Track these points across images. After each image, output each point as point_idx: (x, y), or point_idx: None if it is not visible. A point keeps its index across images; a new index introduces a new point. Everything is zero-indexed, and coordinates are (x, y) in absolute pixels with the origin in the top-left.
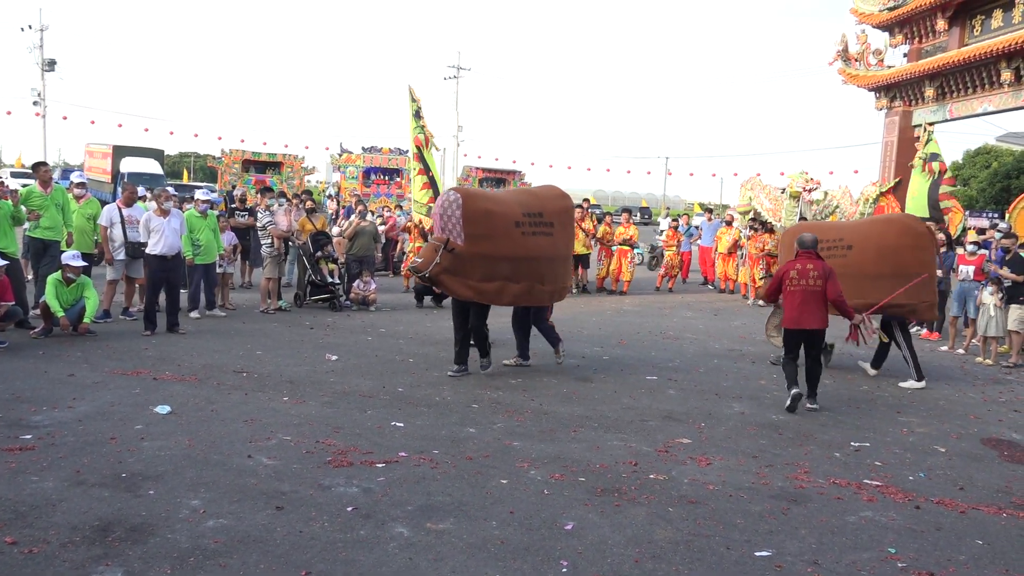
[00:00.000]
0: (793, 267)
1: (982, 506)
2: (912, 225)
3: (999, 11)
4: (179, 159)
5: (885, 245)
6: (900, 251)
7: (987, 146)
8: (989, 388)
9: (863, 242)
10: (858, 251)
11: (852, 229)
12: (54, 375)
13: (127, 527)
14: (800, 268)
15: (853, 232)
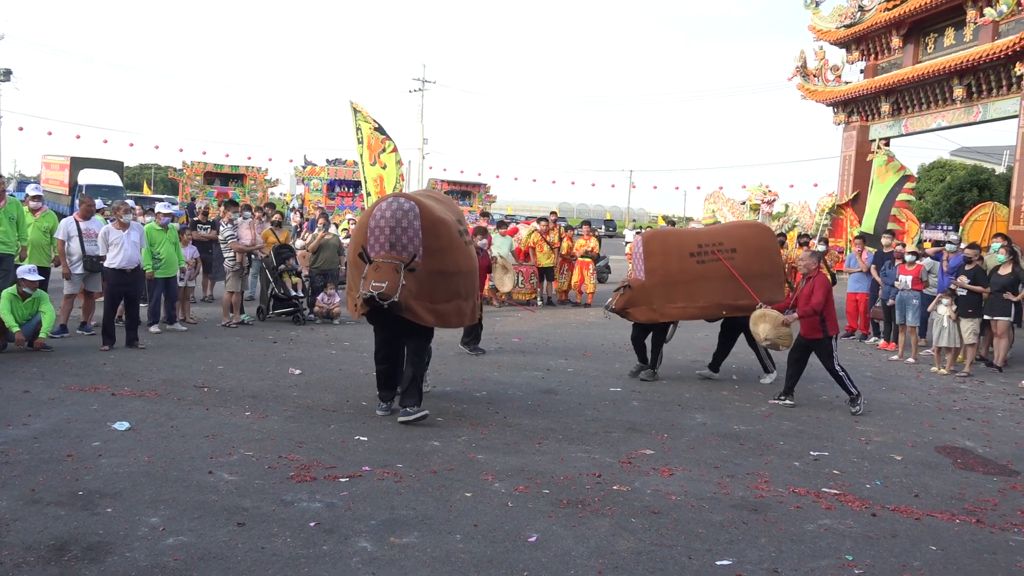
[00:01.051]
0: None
1: (936, 513)
2: (769, 229)
3: (951, 29)
4: (139, 171)
5: (761, 246)
6: (772, 252)
7: (941, 160)
8: (943, 397)
9: (742, 243)
10: (742, 253)
11: (724, 233)
12: (8, 391)
13: (84, 546)
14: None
15: (727, 236)
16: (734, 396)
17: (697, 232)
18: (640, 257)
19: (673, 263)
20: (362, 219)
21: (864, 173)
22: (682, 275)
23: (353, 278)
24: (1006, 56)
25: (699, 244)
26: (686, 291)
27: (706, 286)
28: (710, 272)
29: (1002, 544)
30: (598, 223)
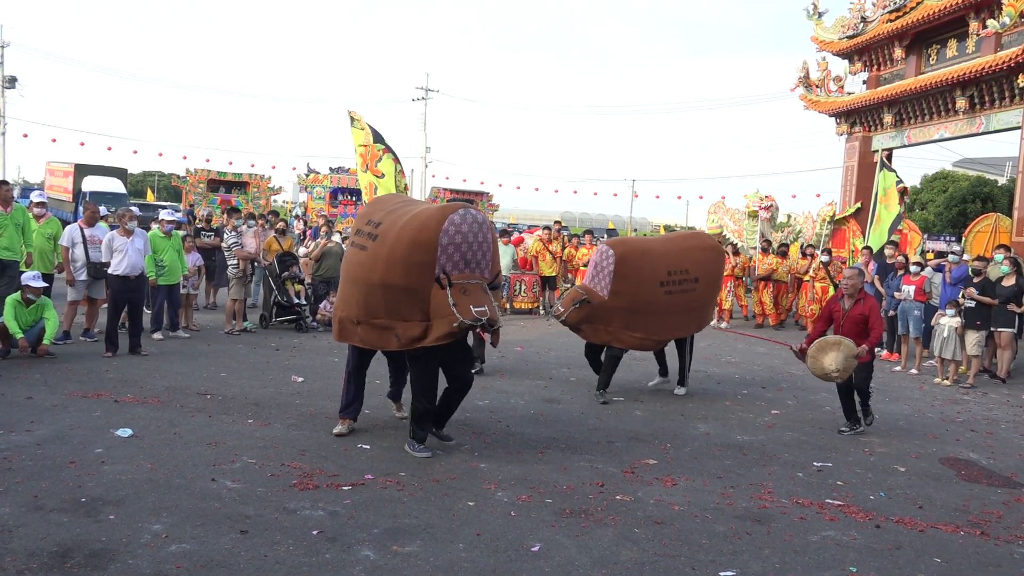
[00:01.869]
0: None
1: (940, 525)
2: (719, 247)
3: (954, 41)
4: (143, 178)
5: (717, 273)
6: (720, 277)
7: (944, 171)
8: (947, 408)
9: (704, 271)
10: (703, 283)
11: (687, 256)
12: (12, 398)
13: (86, 553)
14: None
15: (691, 261)
16: (737, 407)
17: (666, 254)
18: (608, 274)
19: (644, 292)
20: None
21: (867, 184)
22: (650, 306)
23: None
24: (1009, 68)
25: (668, 271)
26: (648, 323)
27: (668, 320)
28: (675, 305)
29: (1007, 557)
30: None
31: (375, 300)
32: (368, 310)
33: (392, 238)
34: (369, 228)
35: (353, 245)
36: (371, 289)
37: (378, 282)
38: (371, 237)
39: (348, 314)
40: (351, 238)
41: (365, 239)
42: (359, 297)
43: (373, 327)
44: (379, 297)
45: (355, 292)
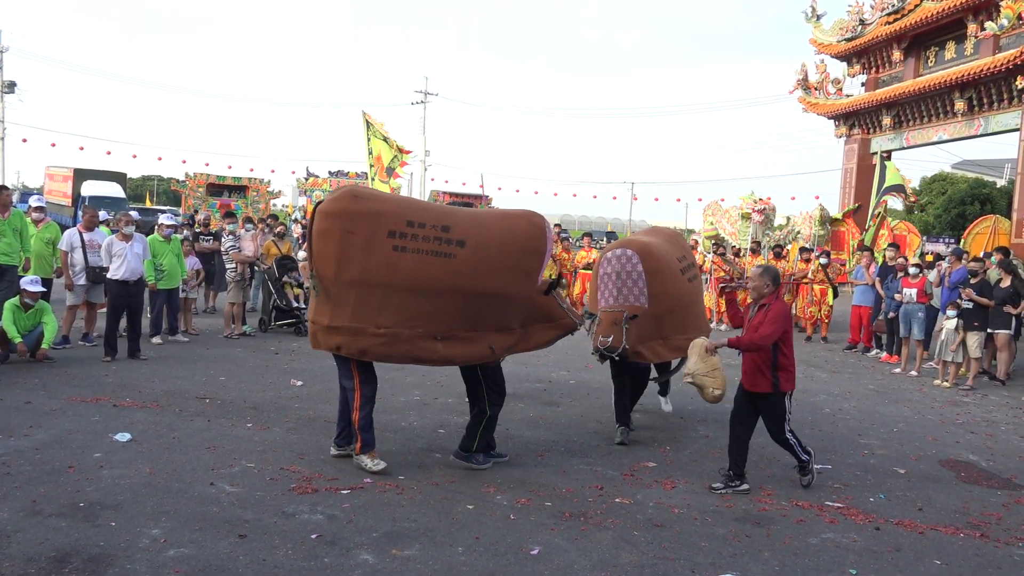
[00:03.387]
0: None
1: (940, 527)
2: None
3: (952, 43)
4: (142, 182)
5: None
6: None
7: (943, 173)
8: (947, 410)
9: (693, 258)
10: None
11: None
12: (10, 402)
13: (85, 558)
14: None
15: (677, 246)
16: None
17: (660, 243)
18: (639, 277)
19: (677, 283)
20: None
21: (866, 186)
22: (684, 297)
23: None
24: (1007, 70)
25: (678, 258)
26: (688, 316)
27: (699, 309)
28: (696, 292)
29: (1006, 558)
30: (600, 235)
31: (473, 311)
32: (461, 323)
33: (496, 245)
34: (435, 232)
35: (420, 252)
36: (472, 300)
37: (488, 291)
38: (452, 243)
39: (424, 330)
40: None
41: (442, 246)
42: (447, 309)
43: (461, 340)
44: (480, 307)
45: (441, 304)
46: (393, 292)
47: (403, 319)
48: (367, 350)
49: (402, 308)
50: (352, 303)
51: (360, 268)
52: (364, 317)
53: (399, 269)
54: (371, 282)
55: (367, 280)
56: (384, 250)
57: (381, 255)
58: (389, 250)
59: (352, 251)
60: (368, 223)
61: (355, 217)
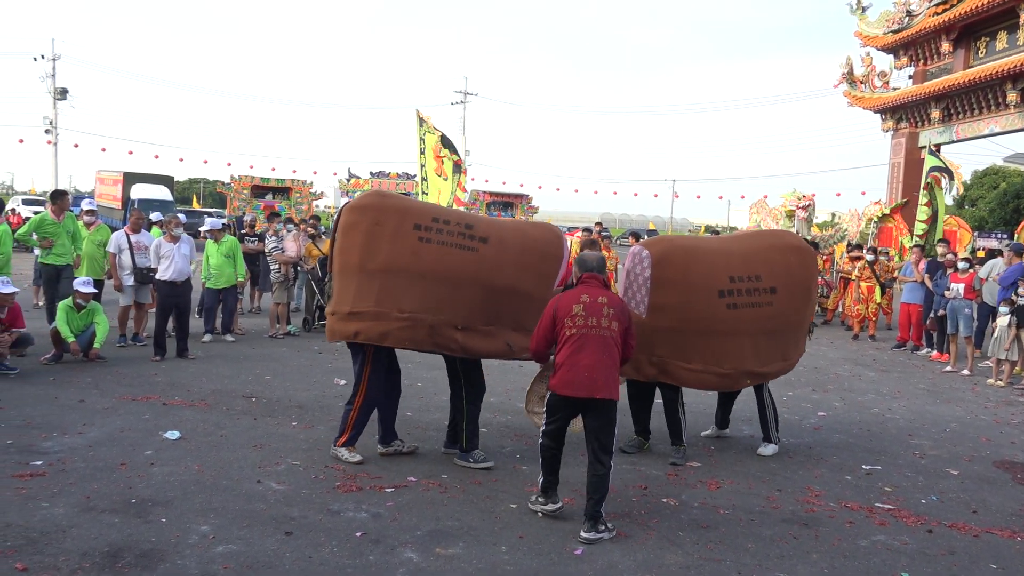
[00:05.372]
0: (576, 298)
1: (996, 530)
2: (810, 249)
3: (1004, 33)
4: (189, 185)
5: (807, 281)
6: (813, 288)
7: (995, 167)
8: (1001, 410)
9: (787, 278)
10: (785, 293)
11: (760, 259)
12: (64, 401)
13: (137, 553)
14: (588, 301)
15: (765, 264)
16: (782, 409)
17: (727, 253)
18: (644, 282)
19: (697, 305)
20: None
21: (914, 181)
22: (706, 324)
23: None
24: None
25: (730, 276)
26: (707, 349)
27: (735, 346)
28: (744, 323)
29: None
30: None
31: (491, 304)
32: (480, 315)
33: (517, 245)
34: (459, 228)
35: (444, 244)
36: (492, 292)
37: (506, 285)
38: (475, 239)
39: (447, 318)
40: (421, 234)
41: (466, 240)
42: (468, 299)
43: (479, 333)
44: (499, 301)
45: (463, 294)
46: (417, 279)
47: (426, 305)
48: (388, 333)
49: (425, 294)
50: (376, 290)
51: (386, 256)
52: (387, 302)
53: (424, 257)
54: (396, 269)
55: (392, 267)
56: (410, 240)
57: (407, 244)
58: (415, 240)
59: (379, 241)
60: (396, 216)
61: (383, 211)
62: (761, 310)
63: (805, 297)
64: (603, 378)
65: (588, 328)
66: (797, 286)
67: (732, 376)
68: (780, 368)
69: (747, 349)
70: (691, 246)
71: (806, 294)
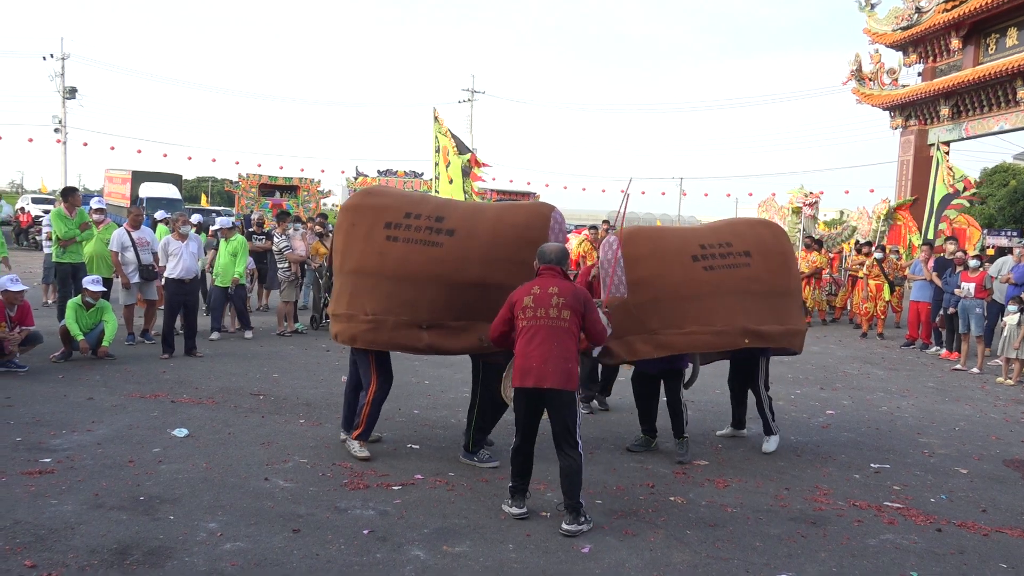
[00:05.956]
0: (528, 291)
1: (1006, 529)
2: (783, 229)
3: (1014, 29)
4: (197, 184)
5: (783, 252)
6: (792, 261)
7: (1004, 164)
8: (1010, 408)
9: (760, 247)
10: (761, 259)
11: (730, 232)
12: (73, 399)
13: (145, 550)
14: (538, 292)
15: (735, 235)
16: (790, 407)
17: (694, 232)
18: (617, 263)
19: (673, 272)
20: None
21: (923, 178)
22: (687, 287)
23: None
24: None
25: (701, 244)
26: (697, 310)
27: (722, 303)
28: (724, 283)
29: None
30: None
31: (458, 301)
32: (446, 312)
33: (487, 235)
34: (427, 223)
35: (409, 242)
36: (457, 289)
37: (472, 281)
38: (441, 233)
39: (409, 318)
40: (390, 232)
41: (432, 235)
42: (432, 297)
43: (449, 330)
44: (467, 297)
45: (426, 293)
46: (381, 280)
47: (388, 306)
48: (357, 336)
49: (388, 296)
50: (349, 292)
51: (357, 259)
52: (356, 304)
53: (388, 258)
54: (365, 271)
55: (361, 269)
56: (378, 240)
57: (375, 245)
58: (383, 240)
59: (354, 243)
60: (370, 216)
61: (361, 211)
62: (739, 271)
63: (784, 264)
64: (553, 368)
65: (537, 319)
66: (772, 252)
67: (728, 333)
68: (778, 330)
69: (735, 306)
70: (658, 229)
71: (784, 260)
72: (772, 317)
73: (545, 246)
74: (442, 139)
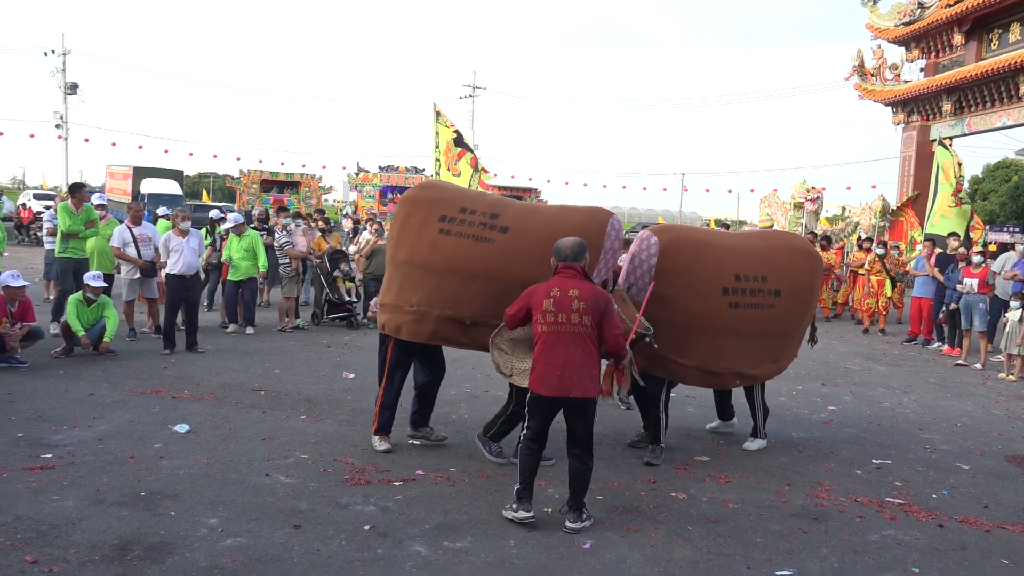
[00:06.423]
0: (548, 292)
1: (1007, 525)
2: (816, 253)
3: (1017, 25)
4: (198, 179)
5: (812, 286)
6: (815, 294)
7: (1007, 160)
8: (1012, 404)
9: (792, 281)
10: (788, 297)
11: (766, 260)
12: (75, 394)
13: (146, 546)
14: (558, 295)
15: (771, 266)
16: (792, 403)
17: (735, 250)
18: (649, 270)
19: (700, 299)
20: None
21: (925, 174)
22: (706, 319)
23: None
24: None
25: (736, 275)
26: (705, 346)
27: (733, 344)
28: (744, 324)
29: None
30: None
31: (504, 299)
32: (490, 309)
33: (539, 234)
34: (482, 219)
35: (462, 236)
36: (503, 287)
37: (519, 279)
38: (495, 229)
39: (453, 312)
40: (443, 226)
41: (485, 231)
42: (477, 293)
43: (492, 329)
44: (513, 296)
45: (471, 287)
46: (430, 272)
47: (433, 299)
48: (401, 327)
49: (434, 288)
50: (398, 282)
51: (408, 249)
52: (403, 295)
53: (439, 250)
54: (414, 262)
55: (412, 260)
56: (431, 232)
57: (428, 237)
58: (435, 232)
59: (407, 233)
60: (425, 208)
61: (417, 203)
62: (762, 312)
63: (807, 303)
64: (577, 376)
65: (558, 325)
66: (802, 290)
67: (723, 376)
68: (768, 371)
69: (742, 350)
70: (699, 239)
71: (809, 299)
72: (770, 358)
73: (561, 242)
74: (444, 133)
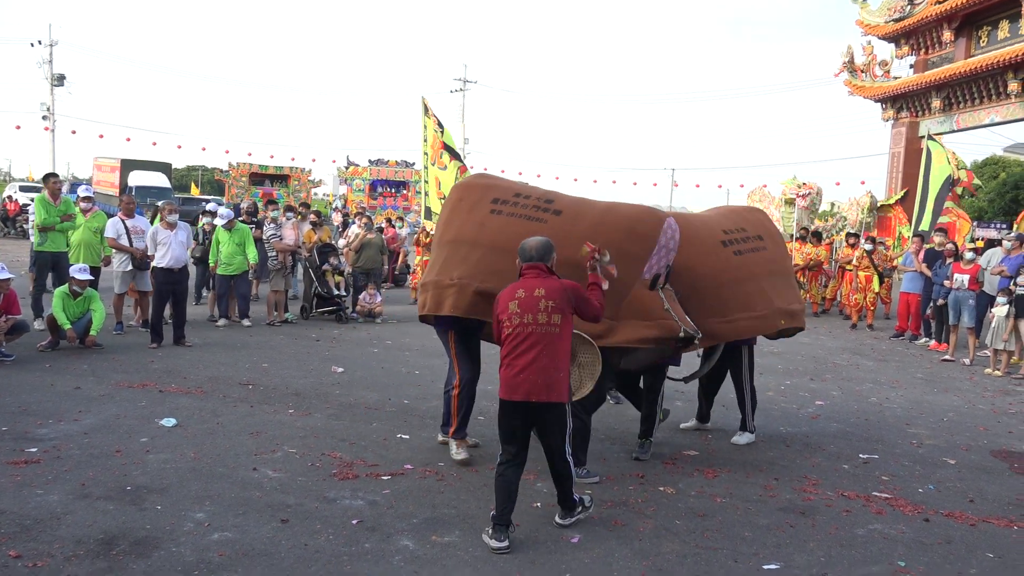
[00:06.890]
0: (512, 294)
1: (993, 519)
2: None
3: (1006, 22)
4: (187, 172)
5: (779, 234)
6: (784, 241)
7: (995, 157)
8: (999, 399)
9: (765, 231)
10: (771, 242)
11: (735, 217)
12: (60, 388)
13: (132, 540)
14: (523, 296)
15: (741, 220)
16: (780, 397)
17: (701, 217)
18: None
19: (710, 257)
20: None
21: (914, 171)
22: (725, 273)
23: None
24: None
25: (723, 230)
26: (736, 295)
27: (757, 286)
28: (754, 267)
29: None
30: None
31: None
32: None
33: (594, 219)
34: (536, 203)
35: (513, 216)
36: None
37: (568, 260)
38: (548, 212)
39: (493, 286)
40: (495, 207)
41: (538, 212)
42: None
43: None
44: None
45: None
46: (476, 248)
47: (475, 272)
48: (442, 302)
49: (478, 262)
50: (441, 261)
51: (457, 229)
52: (445, 271)
53: (486, 228)
54: (461, 239)
55: (458, 239)
56: (482, 213)
57: (477, 217)
58: (486, 213)
59: (456, 215)
60: (478, 193)
61: (471, 188)
62: (760, 254)
63: (784, 245)
64: (542, 380)
65: (524, 326)
66: (774, 235)
67: (768, 316)
68: (799, 308)
69: (768, 290)
70: (682, 214)
71: (783, 242)
72: (795, 296)
73: (527, 242)
74: (431, 125)
